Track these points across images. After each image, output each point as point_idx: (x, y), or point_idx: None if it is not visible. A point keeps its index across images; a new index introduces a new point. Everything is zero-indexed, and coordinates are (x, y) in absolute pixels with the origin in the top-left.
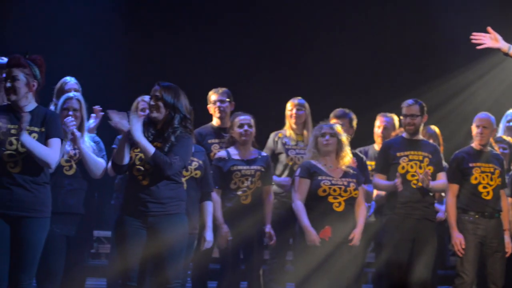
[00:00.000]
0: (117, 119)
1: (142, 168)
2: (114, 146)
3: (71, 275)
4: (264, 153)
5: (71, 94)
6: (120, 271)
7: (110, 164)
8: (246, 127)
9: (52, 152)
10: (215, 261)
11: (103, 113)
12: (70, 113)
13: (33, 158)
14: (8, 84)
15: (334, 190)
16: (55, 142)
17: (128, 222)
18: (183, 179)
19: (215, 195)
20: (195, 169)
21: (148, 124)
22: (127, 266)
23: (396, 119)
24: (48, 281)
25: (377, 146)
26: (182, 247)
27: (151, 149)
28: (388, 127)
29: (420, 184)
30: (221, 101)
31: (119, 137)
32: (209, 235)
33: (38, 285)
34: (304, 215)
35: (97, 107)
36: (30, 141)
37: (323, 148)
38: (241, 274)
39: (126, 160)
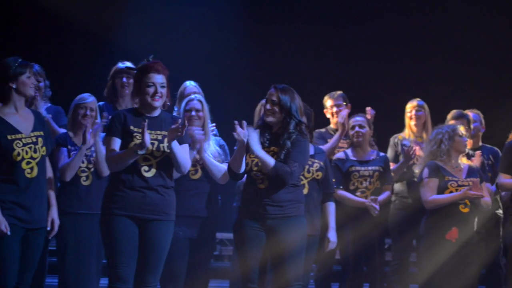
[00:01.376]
0: (239, 129)
1: (259, 174)
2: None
3: (194, 277)
4: (382, 154)
5: (192, 96)
6: (241, 273)
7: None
8: (357, 128)
9: (188, 158)
10: (338, 263)
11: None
12: (193, 113)
13: (167, 162)
14: (161, 90)
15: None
16: (186, 148)
17: (247, 225)
18: (305, 181)
19: (343, 192)
20: (317, 170)
21: (263, 128)
22: (248, 268)
23: (482, 115)
24: (171, 283)
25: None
26: (302, 249)
27: (270, 161)
28: (476, 120)
29: None
30: (337, 105)
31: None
32: (332, 235)
33: (161, 287)
34: (448, 195)
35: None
36: (178, 146)
37: (461, 149)
38: (363, 276)
39: (242, 168)
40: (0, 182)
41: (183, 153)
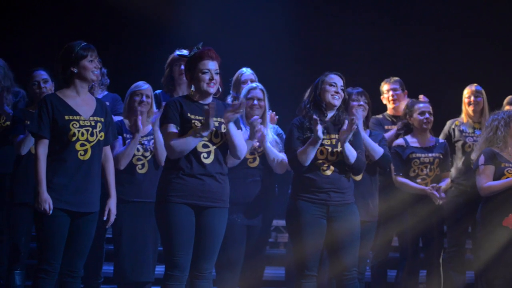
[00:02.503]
0: (318, 126)
1: (325, 161)
2: None
3: (250, 264)
4: (441, 140)
5: (254, 84)
6: (298, 260)
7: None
8: (427, 115)
9: (244, 144)
10: (395, 250)
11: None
12: (255, 102)
13: (224, 148)
14: (216, 77)
15: None
16: (241, 133)
17: (307, 211)
18: None
19: (402, 179)
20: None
21: (318, 116)
22: (307, 256)
23: None
24: (228, 270)
25: None
26: (358, 236)
27: (353, 154)
28: None
29: None
30: (394, 89)
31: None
32: None
33: (218, 274)
34: (503, 181)
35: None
36: (235, 129)
37: None
38: (420, 263)
39: (310, 161)
40: (51, 162)
41: (240, 137)
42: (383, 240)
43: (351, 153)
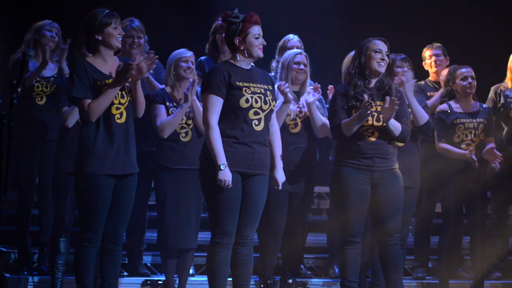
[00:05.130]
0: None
1: (370, 127)
2: None
3: (293, 231)
4: (485, 105)
5: (298, 50)
6: (343, 226)
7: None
8: (470, 80)
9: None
10: (438, 216)
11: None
12: (302, 67)
13: (270, 116)
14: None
15: None
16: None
17: (352, 178)
18: None
19: (445, 145)
20: (412, 122)
21: (363, 82)
22: (352, 222)
23: None
24: (269, 237)
25: None
26: (402, 201)
27: (397, 128)
28: None
29: None
30: (437, 55)
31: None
32: None
33: (260, 241)
34: None
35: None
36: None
37: None
38: (463, 229)
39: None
40: (89, 129)
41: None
42: (427, 207)
43: (396, 128)
